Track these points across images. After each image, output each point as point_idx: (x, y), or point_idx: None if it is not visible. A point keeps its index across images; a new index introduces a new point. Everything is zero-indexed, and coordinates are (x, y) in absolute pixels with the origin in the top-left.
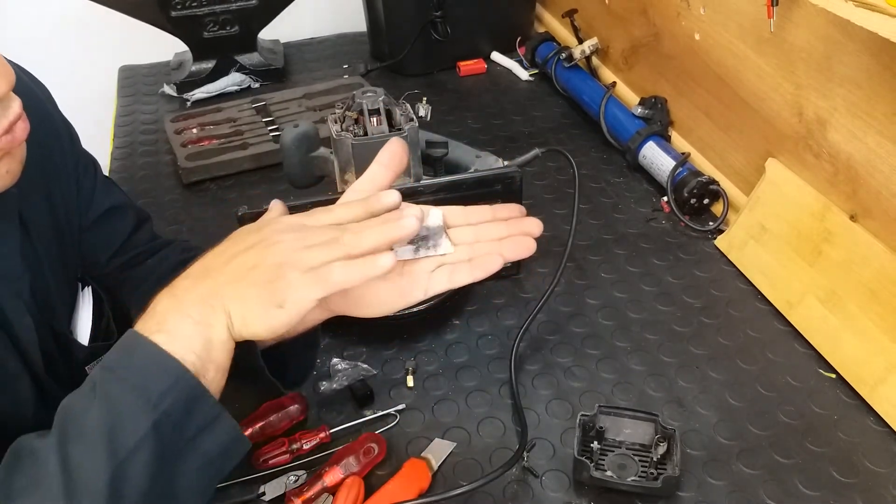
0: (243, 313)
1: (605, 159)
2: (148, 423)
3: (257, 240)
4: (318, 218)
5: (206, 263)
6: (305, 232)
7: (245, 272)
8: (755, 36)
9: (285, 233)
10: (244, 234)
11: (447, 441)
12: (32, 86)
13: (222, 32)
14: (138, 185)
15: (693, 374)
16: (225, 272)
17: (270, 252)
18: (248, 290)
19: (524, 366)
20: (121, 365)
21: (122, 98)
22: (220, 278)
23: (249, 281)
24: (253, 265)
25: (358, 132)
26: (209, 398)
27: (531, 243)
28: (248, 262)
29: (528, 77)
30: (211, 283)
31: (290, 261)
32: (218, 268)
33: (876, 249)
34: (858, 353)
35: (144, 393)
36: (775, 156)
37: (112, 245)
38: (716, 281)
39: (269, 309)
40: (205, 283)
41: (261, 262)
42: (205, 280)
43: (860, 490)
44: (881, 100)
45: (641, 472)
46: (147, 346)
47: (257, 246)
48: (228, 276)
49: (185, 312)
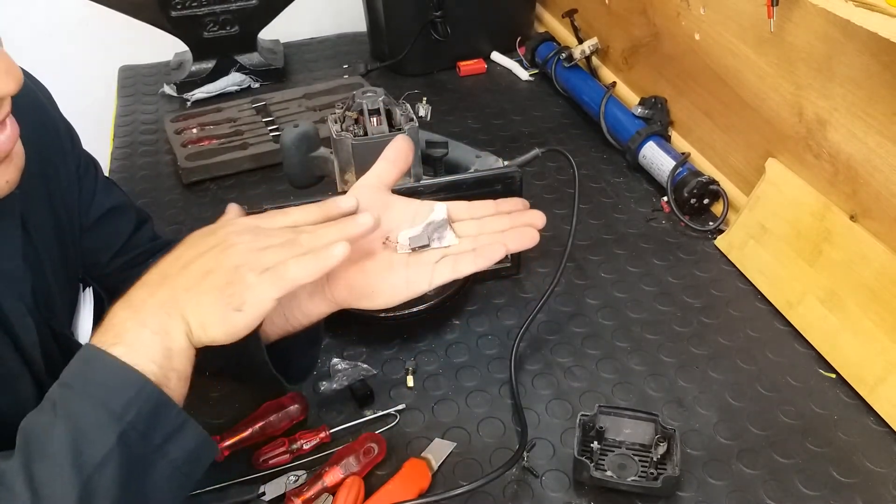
0: (201, 319)
1: (605, 159)
2: (113, 436)
3: (213, 243)
4: (274, 220)
5: (162, 270)
6: (261, 234)
7: (201, 277)
8: (755, 36)
9: (241, 234)
10: (199, 237)
11: (447, 441)
12: (33, 87)
13: (222, 32)
14: (138, 185)
15: (693, 374)
16: (181, 278)
17: (226, 255)
18: (205, 295)
19: (524, 366)
20: (80, 380)
21: (122, 98)
22: (177, 285)
23: (206, 286)
24: (209, 270)
25: (358, 132)
26: (173, 406)
27: (534, 234)
28: (204, 267)
29: (528, 77)
30: (167, 291)
31: (247, 262)
32: (174, 275)
33: (876, 249)
34: (858, 353)
35: (107, 406)
36: (775, 156)
37: (113, 245)
38: (716, 281)
39: (228, 313)
40: (161, 290)
41: (216, 267)
42: (161, 287)
43: (860, 490)
44: (881, 100)
45: (641, 472)
46: (106, 359)
47: (213, 250)
48: (185, 282)
49: (143, 322)
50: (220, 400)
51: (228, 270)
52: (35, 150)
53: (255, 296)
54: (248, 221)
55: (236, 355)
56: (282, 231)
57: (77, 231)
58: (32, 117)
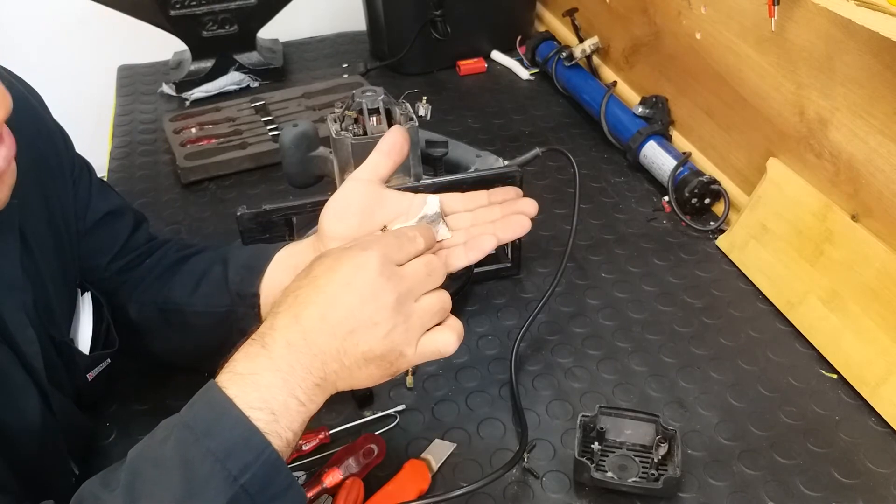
0: (350, 385)
1: (606, 159)
2: (224, 498)
3: (368, 312)
4: (409, 252)
5: (312, 334)
6: (411, 293)
7: (363, 363)
8: (756, 35)
9: (411, 300)
10: (347, 286)
11: (447, 442)
12: (25, 92)
13: (221, 31)
14: (137, 184)
15: (694, 375)
16: (340, 361)
17: (387, 337)
18: (363, 377)
19: (524, 366)
20: (204, 427)
21: (120, 97)
22: (333, 366)
23: (367, 372)
24: (369, 353)
25: (357, 132)
26: (285, 469)
27: (525, 222)
28: (363, 348)
29: (528, 76)
30: (322, 370)
31: (407, 341)
32: (332, 355)
33: (877, 249)
34: (860, 354)
35: (226, 466)
36: (776, 155)
37: (111, 249)
38: (717, 281)
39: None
40: (315, 366)
41: (377, 350)
42: (315, 360)
43: (862, 491)
44: (882, 99)
45: (642, 473)
46: (237, 415)
47: (371, 325)
48: (347, 364)
49: (294, 394)
50: None
51: (388, 354)
52: (30, 157)
53: (404, 367)
54: (389, 263)
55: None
56: (426, 279)
57: (74, 236)
58: (26, 123)
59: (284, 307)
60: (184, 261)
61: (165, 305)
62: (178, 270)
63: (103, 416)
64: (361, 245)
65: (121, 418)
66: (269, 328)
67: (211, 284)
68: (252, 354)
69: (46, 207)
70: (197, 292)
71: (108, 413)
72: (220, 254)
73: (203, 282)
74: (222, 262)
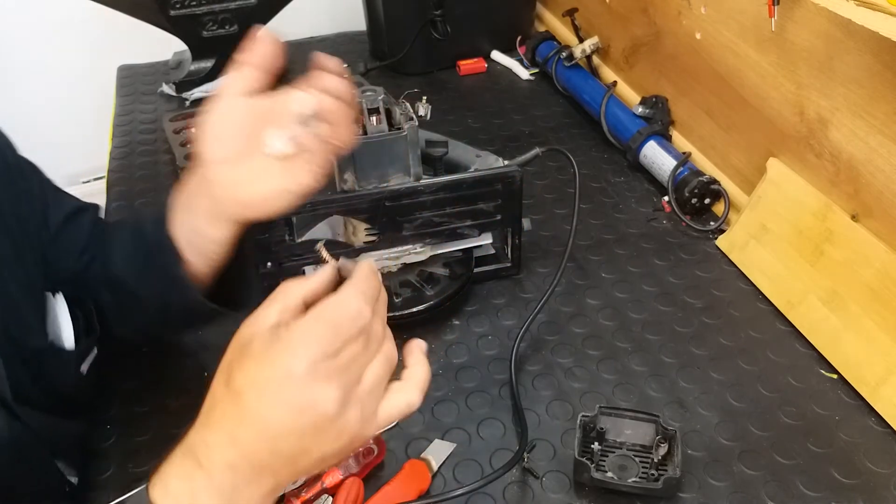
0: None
1: (606, 159)
2: None
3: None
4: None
5: (260, 457)
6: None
7: (323, 461)
8: (756, 35)
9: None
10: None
11: (447, 442)
12: None
13: (221, 31)
14: (137, 184)
15: (694, 375)
16: (285, 470)
17: (352, 427)
18: (324, 467)
19: (524, 366)
20: None
21: (120, 97)
22: (284, 474)
23: (328, 463)
24: (337, 451)
25: (357, 131)
26: None
27: None
28: (329, 452)
29: (528, 76)
30: (271, 481)
31: (370, 422)
32: (280, 466)
33: (877, 249)
34: (860, 354)
35: None
36: (776, 155)
37: (77, 247)
38: (717, 281)
39: None
40: (264, 481)
41: (345, 446)
42: (262, 477)
43: (862, 491)
44: (883, 99)
45: (642, 474)
46: None
47: (341, 427)
48: (302, 467)
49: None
50: None
51: (347, 446)
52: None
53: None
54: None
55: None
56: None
57: (34, 242)
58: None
59: (215, 420)
60: (126, 230)
61: (116, 279)
62: (117, 238)
63: (102, 419)
64: (285, 345)
65: (120, 421)
66: (203, 444)
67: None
68: (187, 473)
69: (17, 217)
70: (131, 261)
71: (108, 416)
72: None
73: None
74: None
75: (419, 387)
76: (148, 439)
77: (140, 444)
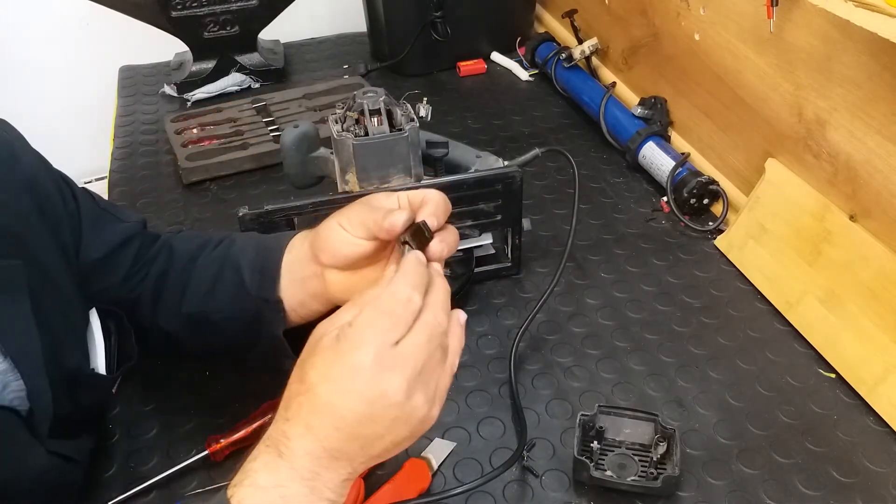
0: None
1: (605, 159)
2: None
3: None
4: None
5: (336, 444)
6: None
7: (396, 446)
8: (755, 36)
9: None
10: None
11: (447, 441)
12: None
13: (222, 32)
14: (138, 185)
15: (693, 374)
16: (366, 455)
17: (421, 412)
18: (395, 452)
19: (524, 366)
20: None
21: (122, 98)
22: (360, 460)
23: (399, 448)
24: (407, 436)
25: (359, 132)
26: None
27: None
28: (401, 436)
29: (528, 77)
30: (349, 467)
31: (437, 405)
32: (356, 453)
33: (875, 249)
34: (858, 353)
35: None
36: (775, 156)
37: (123, 270)
38: (715, 281)
39: None
40: (341, 466)
41: (415, 430)
42: (339, 462)
43: (860, 490)
44: (881, 100)
45: (641, 472)
46: None
47: (409, 413)
48: (376, 453)
49: (322, 496)
50: (220, 400)
51: (417, 430)
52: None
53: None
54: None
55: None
56: (427, 346)
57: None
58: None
59: (292, 414)
60: (192, 262)
61: (191, 313)
62: (191, 275)
63: (105, 418)
64: (351, 340)
65: (123, 420)
66: (283, 435)
67: (228, 289)
68: (272, 466)
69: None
70: (215, 297)
71: (111, 415)
72: (223, 253)
73: (218, 286)
74: (232, 266)
75: (457, 353)
76: (150, 438)
77: (143, 442)
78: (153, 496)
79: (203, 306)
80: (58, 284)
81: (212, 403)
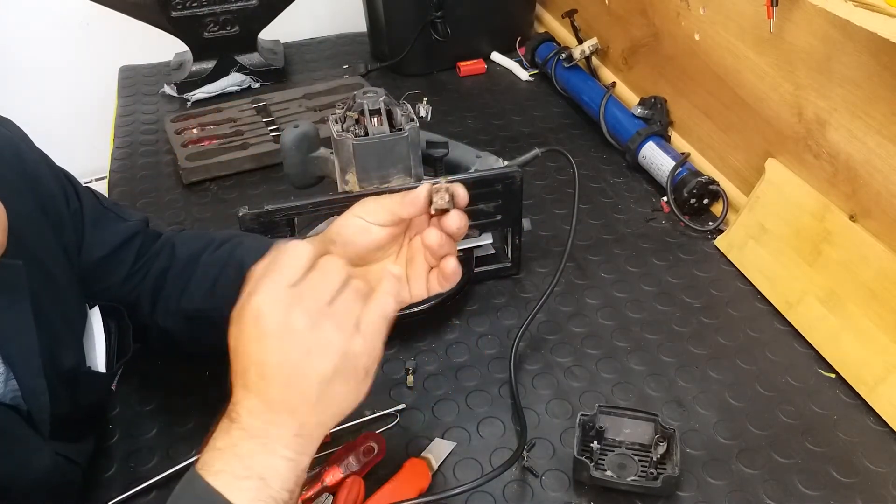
0: (333, 416)
1: (605, 159)
2: None
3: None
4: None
5: (270, 395)
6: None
7: (328, 383)
8: (755, 36)
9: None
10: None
11: (447, 441)
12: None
13: (222, 33)
14: (138, 185)
15: (693, 374)
16: (308, 403)
17: (334, 340)
18: (338, 401)
19: (524, 366)
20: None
21: (122, 98)
22: (303, 409)
23: (337, 393)
24: (332, 370)
25: (359, 132)
26: None
27: None
28: (325, 369)
29: (528, 77)
30: (294, 420)
31: (351, 335)
32: (296, 401)
33: (875, 249)
34: (858, 353)
35: None
36: (775, 156)
37: (125, 269)
38: (715, 281)
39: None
40: (286, 420)
41: (338, 361)
42: (282, 416)
43: (860, 490)
44: (881, 100)
45: (641, 472)
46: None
47: (320, 341)
48: (312, 398)
49: (276, 452)
50: (220, 400)
51: (340, 362)
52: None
53: (366, 358)
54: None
55: None
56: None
57: (76, 265)
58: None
59: (235, 381)
60: (194, 262)
61: (190, 311)
62: (193, 275)
63: (105, 418)
64: (249, 293)
65: (123, 420)
66: (233, 404)
67: (230, 288)
68: (226, 429)
69: (45, 252)
70: (216, 296)
71: (111, 415)
72: (227, 253)
73: (219, 286)
74: (236, 266)
75: (390, 293)
76: (150, 438)
77: (143, 442)
78: (153, 496)
79: (203, 305)
80: (58, 283)
81: (212, 403)
